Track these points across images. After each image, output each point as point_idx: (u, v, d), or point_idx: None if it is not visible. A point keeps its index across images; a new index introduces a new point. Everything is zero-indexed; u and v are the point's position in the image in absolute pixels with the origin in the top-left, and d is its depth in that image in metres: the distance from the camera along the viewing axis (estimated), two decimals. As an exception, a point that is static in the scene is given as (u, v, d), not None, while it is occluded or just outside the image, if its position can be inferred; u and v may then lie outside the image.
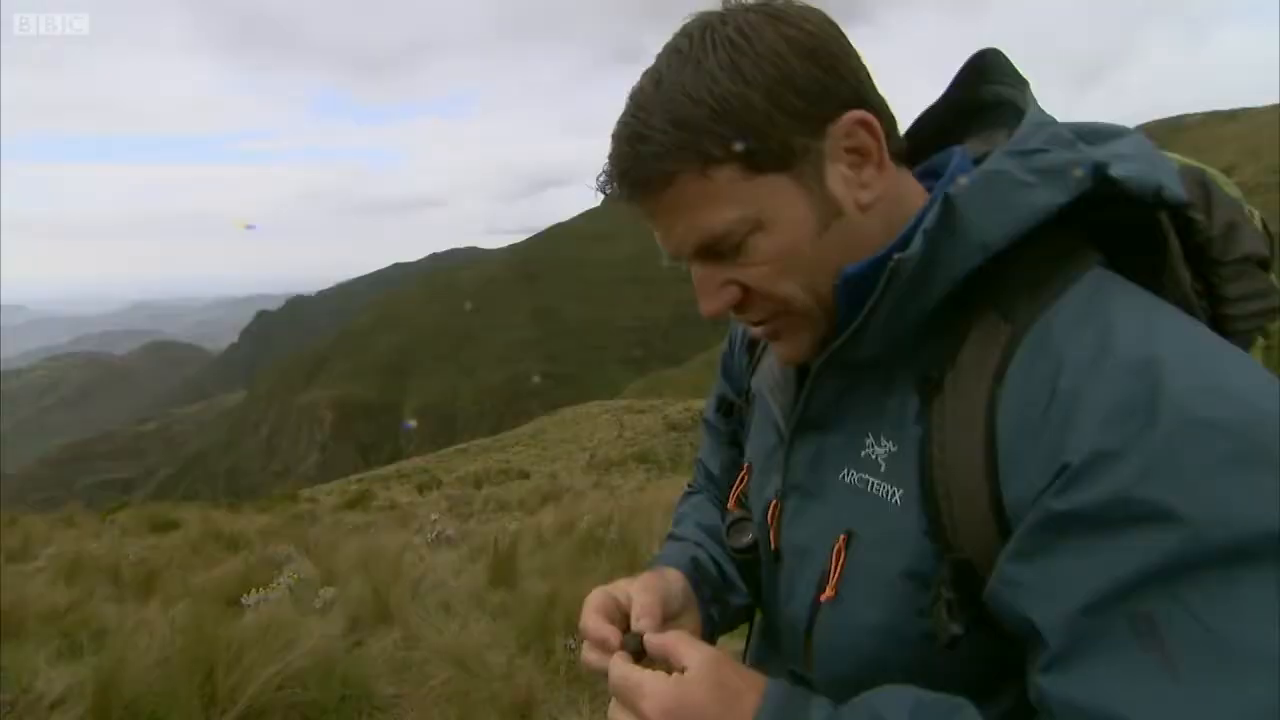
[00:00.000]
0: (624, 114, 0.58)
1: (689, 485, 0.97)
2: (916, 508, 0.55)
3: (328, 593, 3.90)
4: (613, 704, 0.57)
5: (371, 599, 3.69)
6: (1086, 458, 0.45)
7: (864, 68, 0.58)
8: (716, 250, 0.58)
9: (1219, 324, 0.58)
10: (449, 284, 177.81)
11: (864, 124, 0.56)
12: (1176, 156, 0.62)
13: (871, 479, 0.59)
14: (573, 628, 3.16)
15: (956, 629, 0.52)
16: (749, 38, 0.55)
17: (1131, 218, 0.55)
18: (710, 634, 0.75)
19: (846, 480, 0.61)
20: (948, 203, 0.53)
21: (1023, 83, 0.61)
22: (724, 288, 0.60)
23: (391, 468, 36.73)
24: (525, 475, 21.94)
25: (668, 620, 0.66)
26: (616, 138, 0.58)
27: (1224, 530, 0.42)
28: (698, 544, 0.82)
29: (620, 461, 21.00)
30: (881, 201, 0.58)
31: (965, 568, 0.52)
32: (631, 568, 3.88)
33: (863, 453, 0.60)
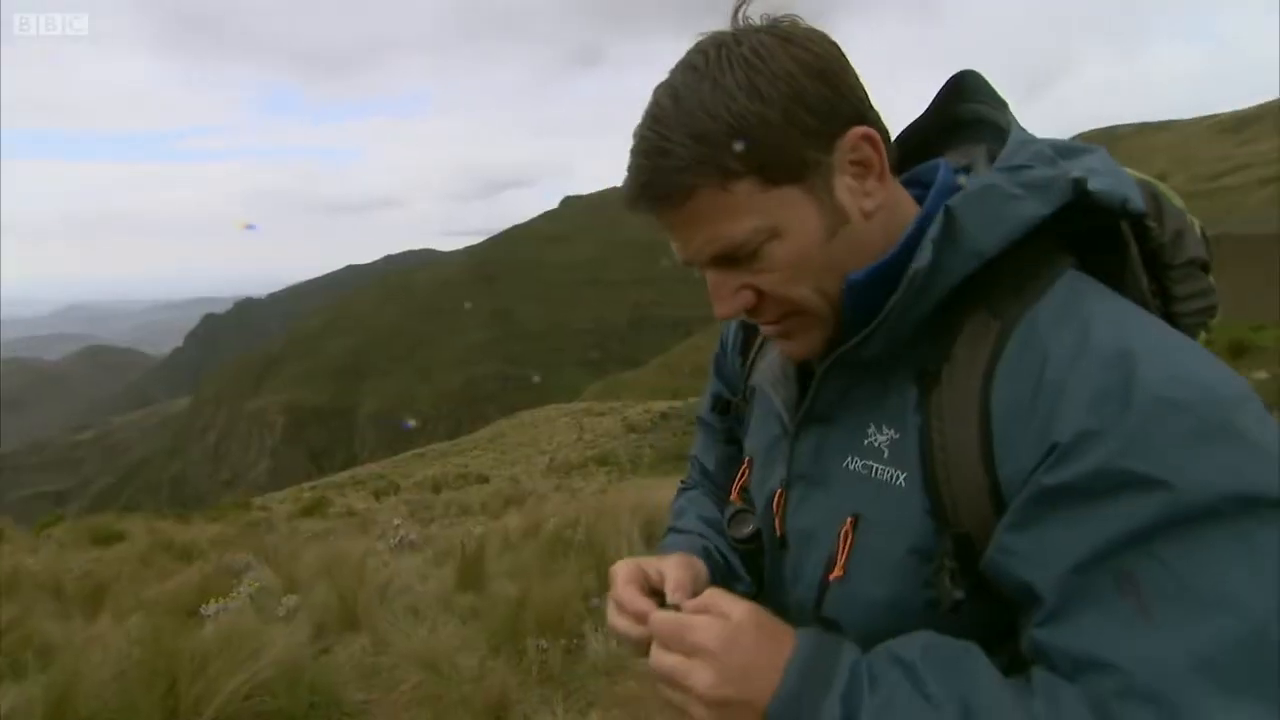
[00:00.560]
0: (642, 128, 0.60)
1: (683, 481, 1.00)
2: (919, 489, 0.60)
3: (291, 600, 3.82)
4: (655, 650, 0.59)
5: (337, 605, 3.63)
6: (1073, 438, 0.51)
7: (863, 85, 0.62)
8: (733, 258, 0.62)
9: (1169, 320, 0.64)
10: (404, 286, 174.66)
11: (868, 139, 0.61)
12: (1130, 170, 0.69)
13: (875, 465, 0.63)
14: (544, 628, 3.17)
15: (959, 594, 0.57)
16: (764, 58, 0.58)
17: (1098, 226, 0.61)
18: None
19: (850, 468, 0.65)
20: (949, 214, 0.58)
21: (1001, 103, 0.67)
22: (739, 293, 0.63)
23: (346, 474, 35.94)
24: (485, 479, 21.67)
25: None
26: (636, 152, 0.60)
27: (1192, 495, 0.48)
28: (702, 535, 0.84)
29: (580, 464, 20.94)
30: (882, 209, 0.63)
31: (965, 541, 0.58)
32: (600, 568, 3.90)
33: (865, 441, 0.65)
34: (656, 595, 0.66)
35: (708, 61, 0.59)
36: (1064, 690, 0.50)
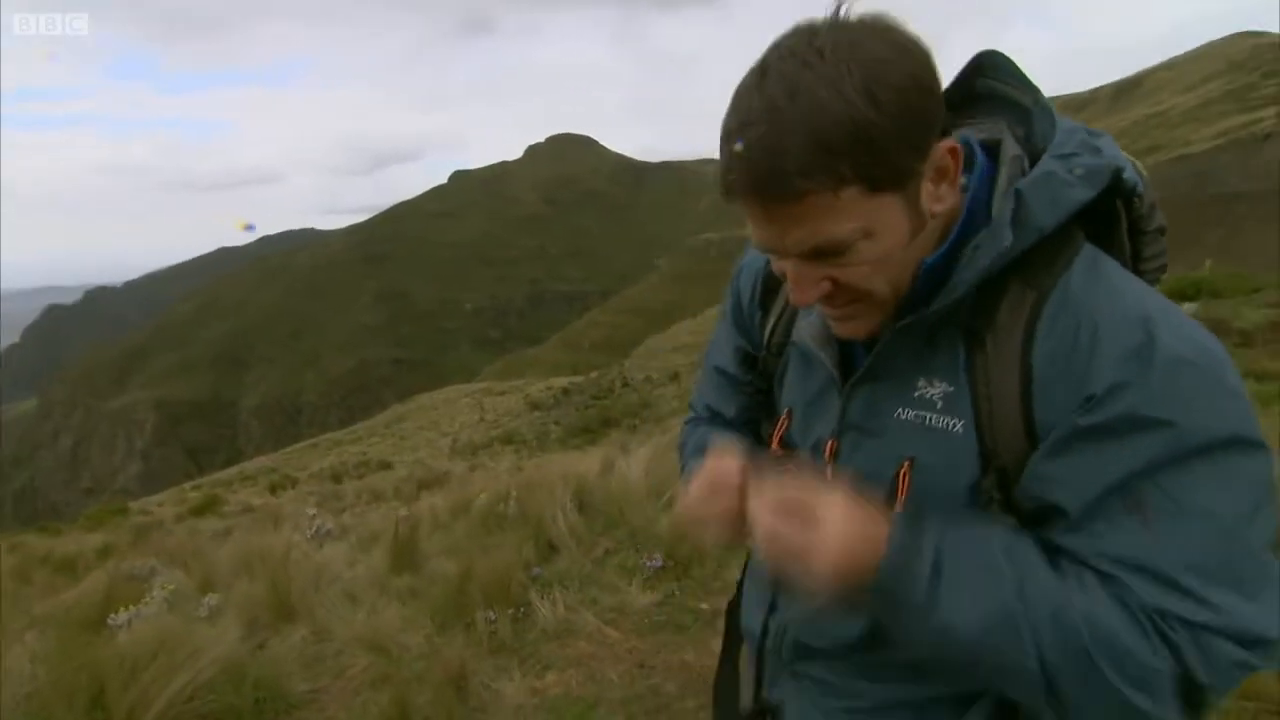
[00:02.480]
0: (753, 121, 0.61)
1: (687, 421, 1.06)
2: (974, 434, 0.69)
3: (212, 599, 3.64)
4: (772, 518, 0.67)
5: (267, 598, 3.49)
6: (1105, 389, 0.62)
7: None
8: (826, 253, 0.66)
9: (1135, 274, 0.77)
10: (285, 267, 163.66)
11: (953, 152, 0.67)
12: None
13: (929, 414, 0.72)
14: (490, 600, 3.20)
15: (1011, 521, 0.68)
16: (884, 66, 0.61)
17: (1100, 201, 0.70)
18: None
19: (903, 417, 0.74)
20: (1020, 197, 0.66)
21: (1029, 86, 0.74)
22: (820, 283, 0.69)
23: (233, 470, 33.73)
24: (387, 466, 20.97)
25: None
26: (752, 146, 0.61)
27: (1193, 436, 0.60)
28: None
29: (485, 444, 20.61)
30: (947, 209, 0.70)
31: (1004, 473, 0.68)
32: (538, 538, 3.94)
33: (915, 394, 0.73)
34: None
35: (823, 60, 0.60)
36: (1086, 573, 0.63)
